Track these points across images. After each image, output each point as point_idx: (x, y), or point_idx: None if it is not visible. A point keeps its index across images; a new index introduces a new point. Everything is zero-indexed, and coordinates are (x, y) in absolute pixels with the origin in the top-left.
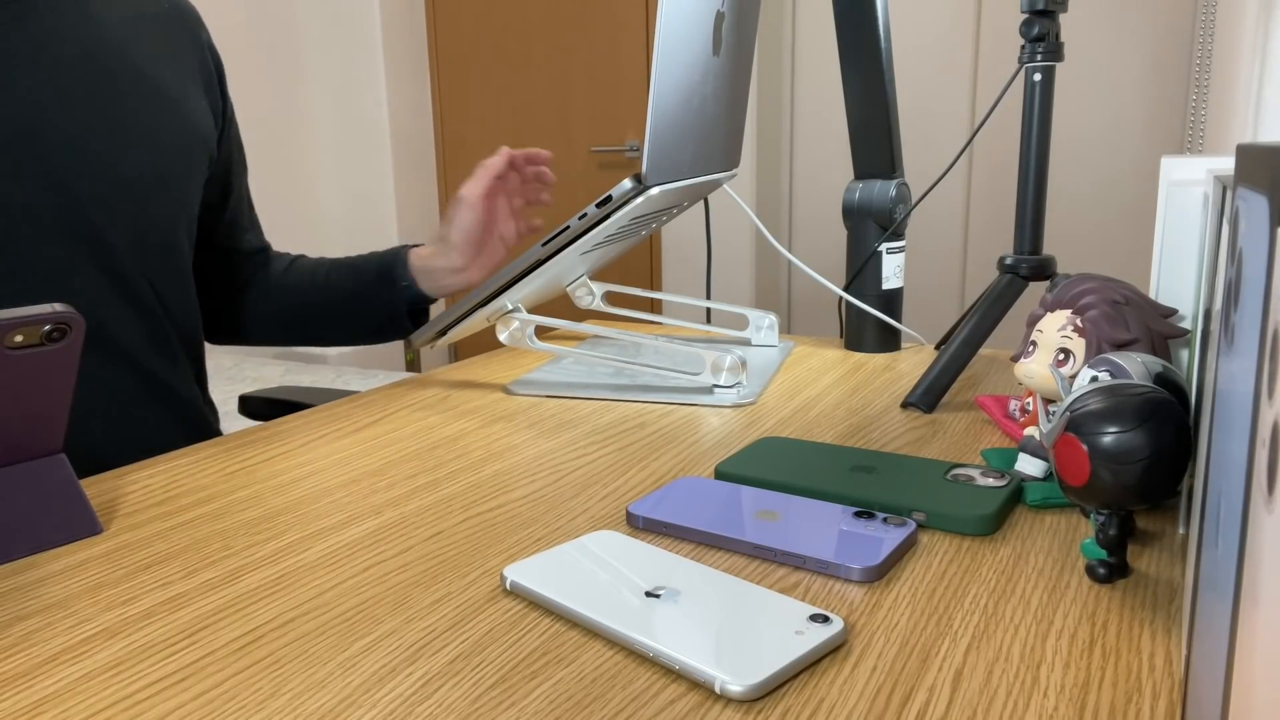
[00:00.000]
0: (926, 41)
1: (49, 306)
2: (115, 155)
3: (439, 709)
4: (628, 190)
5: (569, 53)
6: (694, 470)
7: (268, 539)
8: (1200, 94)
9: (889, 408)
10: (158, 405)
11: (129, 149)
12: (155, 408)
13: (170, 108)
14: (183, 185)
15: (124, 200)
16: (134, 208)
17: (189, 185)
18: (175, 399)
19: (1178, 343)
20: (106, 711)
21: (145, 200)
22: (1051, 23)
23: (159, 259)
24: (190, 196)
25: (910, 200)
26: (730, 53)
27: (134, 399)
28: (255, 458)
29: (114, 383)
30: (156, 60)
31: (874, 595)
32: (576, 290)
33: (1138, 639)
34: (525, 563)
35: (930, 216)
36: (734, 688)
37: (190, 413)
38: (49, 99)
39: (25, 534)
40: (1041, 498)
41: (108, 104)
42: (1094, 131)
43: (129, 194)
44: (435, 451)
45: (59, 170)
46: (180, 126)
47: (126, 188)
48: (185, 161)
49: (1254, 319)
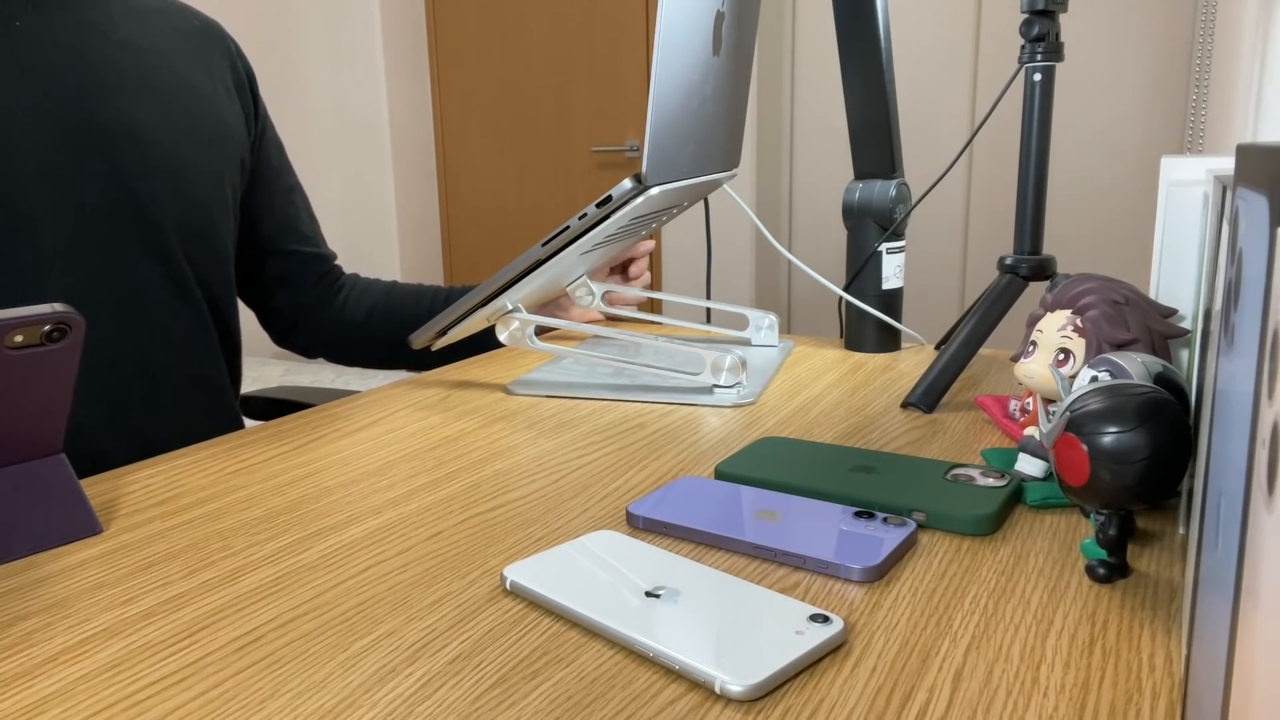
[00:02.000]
0: (926, 41)
1: (49, 306)
2: (160, 141)
3: (439, 709)
4: (628, 190)
5: (569, 53)
6: (694, 470)
7: (268, 539)
8: (1200, 94)
9: (889, 408)
10: (194, 390)
11: (172, 137)
12: (193, 392)
13: (206, 105)
14: (219, 174)
15: (167, 180)
16: (176, 188)
17: (224, 175)
18: (209, 384)
19: (1178, 343)
20: (106, 711)
21: (186, 182)
22: (1051, 23)
23: (198, 239)
24: (225, 185)
25: (910, 200)
26: (730, 53)
27: (174, 383)
28: (255, 458)
29: (158, 366)
30: (191, 68)
31: (874, 595)
32: (576, 290)
33: (1138, 639)
34: (525, 563)
35: (930, 216)
36: (734, 688)
37: (220, 399)
38: (105, 89)
39: (25, 534)
40: (1041, 498)
41: (152, 95)
42: (1094, 131)
43: (172, 175)
44: (435, 451)
45: (107, 152)
46: (215, 123)
47: (169, 170)
48: (219, 153)
49: (1254, 319)
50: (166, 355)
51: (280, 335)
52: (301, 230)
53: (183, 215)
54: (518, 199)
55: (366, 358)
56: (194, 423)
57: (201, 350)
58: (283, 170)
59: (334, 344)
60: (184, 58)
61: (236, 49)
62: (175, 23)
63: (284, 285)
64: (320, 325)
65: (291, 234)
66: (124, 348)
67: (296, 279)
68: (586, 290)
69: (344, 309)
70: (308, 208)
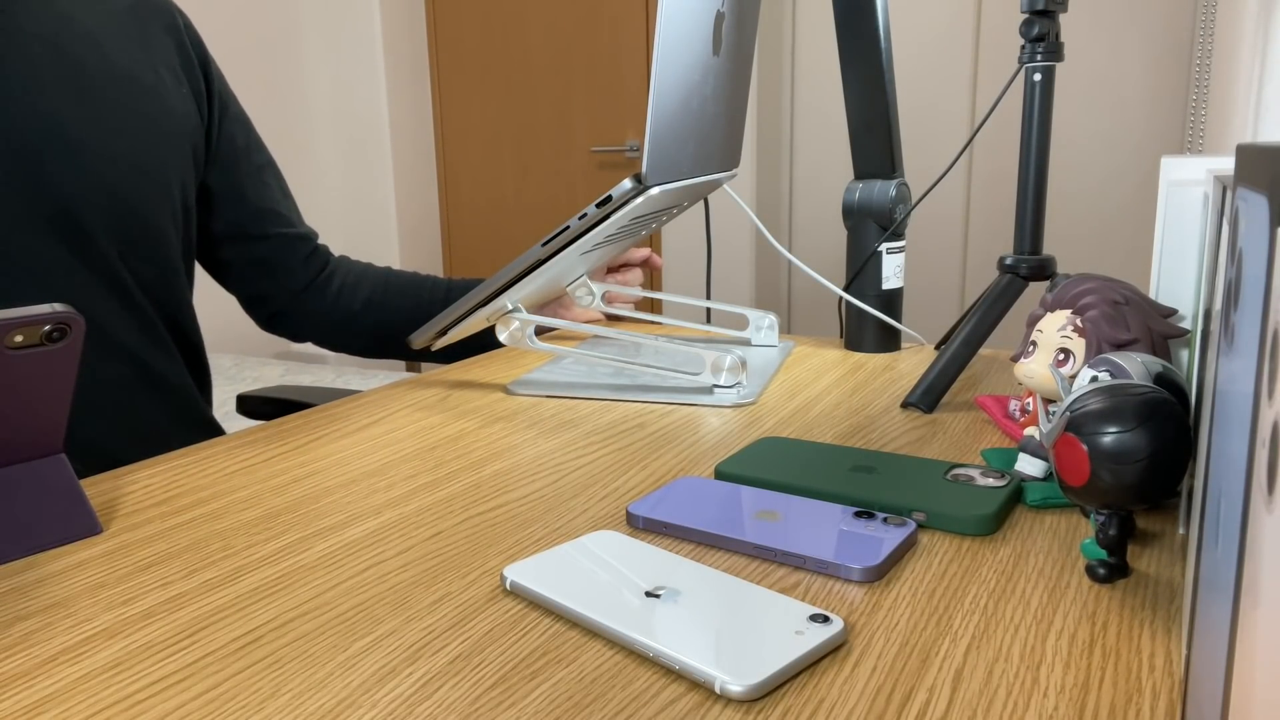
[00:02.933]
0: (926, 41)
1: (49, 306)
2: (89, 144)
3: (439, 709)
4: (628, 190)
5: (569, 53)
6: (694, 470)
7: (268, 539)
8: (1200, 94)
9: (889, 408)
10: (151, 393)
11: (103, 137)
12: (149, 396)
13: (145, 96)
14: (163, 176)
15: (99, 187)
16: (110, 195)
17: (170, 176)
18: (166, 387)
19: (1178, 343)
20: (106, 711)
21: (121, 187)
22: (1051, 23)
23: (140, 248)
24: (172, 184)
25: (910, 200)
26: (730, 53)
27: (125, 387)
28: (255, 458)
29: (104, 372)
30: (128, 51)
31: (874, 595)
32: (576, 290)
33: (1138, 639)
34: (525, 563)
35: (930, 216)
36: (734, 688)
37: (182, 400)
38: (20, 92)
39: (25, 534)
40: (1041, 498)
41: (80, 94)
42: (1094, 131)
43: (103, 181)
44: (435, 451)
45: (32, 160)
46: (158, 114)
47: (100, 175)
48: (165, 151)
49: (1254, 319)
50: (114, 363)
51: (266, 321)
52: (278, 211)
53: (121, 226)
54: (518, 199)
55: (358, 347)
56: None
57: (156, 356)
58: (250, 149)
59: (326, 332)
60: (117, 43)
61: (185, 23)
62: (108, 4)
63: (267, 271)
64: (311, 313)
65: (269, 217)
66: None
67: (281, 264)
68: (586, 290)
69: (339, 297)
70: (281, 185)
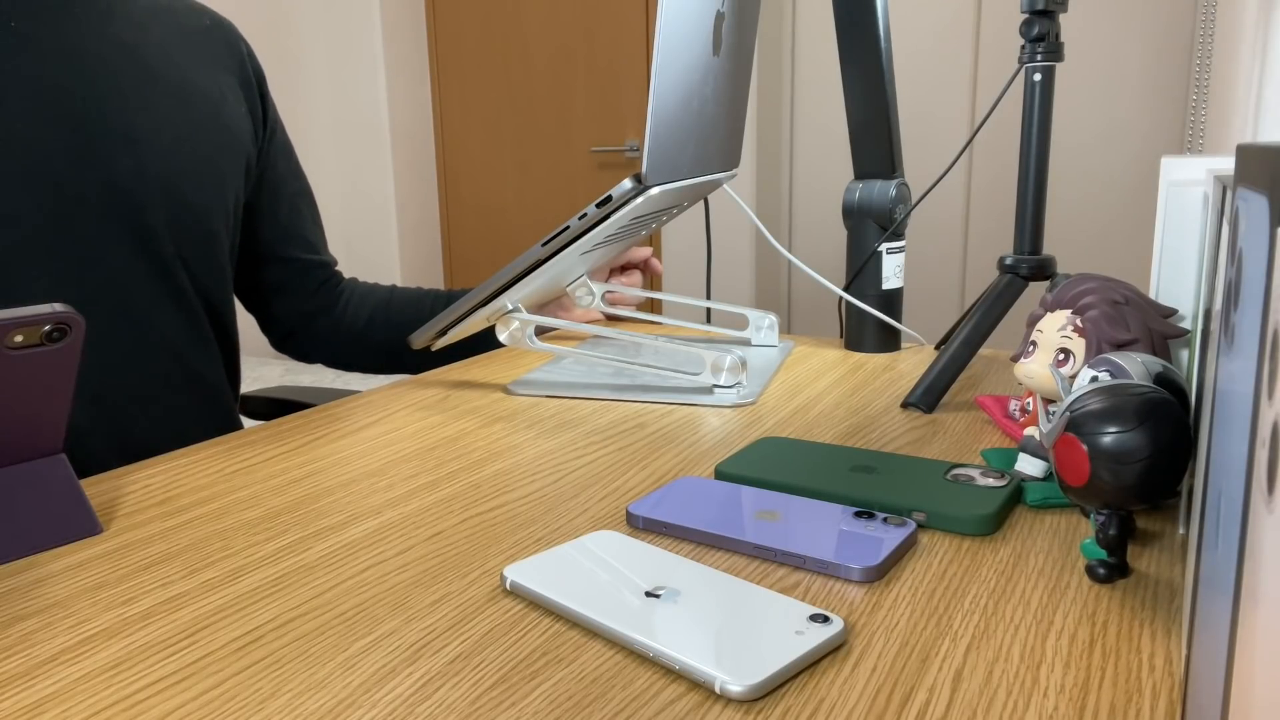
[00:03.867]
0: (926, 41)
1: (49, 306)
2: (156, 145)
3: (439, 709)
4: (628, 190)
5: (569, 53)
6: (694, 470)
7: (268, 539)
8: (1200, 94)
9: (889, 408)
10: (189, 391)
11: (170, 140)
12: (188, 393)
13: (209, 111)
14: (220, 180)
15: (163, 186)
16: (172, 193)
17: (226, 181)
18: (204, 385)
19: (1178, 343)
20: (106, 711)
21: (182, 187)
22: (1051, 23)
23: (195, 245)
24: (227, 191)
25: (910, 200)
26: (730, 53)
27: (169, 384)
28: (255, 458)
29: (151, 367)
30: (197, 69)
31: (874, 595)
32: (576, 290)
33: (1138, 639)
34: (525, 563)
35: (930, 216)
36: (734, 688)
37: (216, 399)
38: (96, 95)
39: (25, 534)
40: (1041, 498)
41: (150, 102)
42: (1094, 131)
43: (167, 181)
44: (435, 451)
45: (104, 157)
46: (218, 128)
47: (165, 176)
48: (222, 159)
49: (1254, 319)
50: (160, 358)
51: (279, 341)
52: (306, 237)
53: (179, 222)
54: (518, 199)
55: (366, 364)
56: (190, 425)
57: (198, 354)
58: (290, 176)
59: (333, 351)
60: (189, 59)
61: (248, 50)
62: (183, 21)
63: (284, 292)
64: (319, 332)
65: (295, 241)
66: (111, 350)
67: (297, 286)
68: (586, 290)
69: (344, 316)
70: (314, 214)
